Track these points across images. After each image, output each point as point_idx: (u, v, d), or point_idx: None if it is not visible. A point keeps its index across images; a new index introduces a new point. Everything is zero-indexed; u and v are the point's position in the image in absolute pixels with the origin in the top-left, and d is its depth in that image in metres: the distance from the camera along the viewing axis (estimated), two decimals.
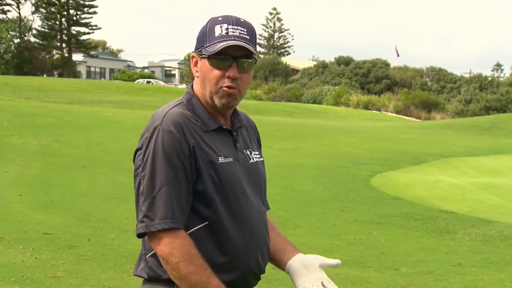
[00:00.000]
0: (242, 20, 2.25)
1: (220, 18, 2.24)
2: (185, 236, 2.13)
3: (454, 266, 7.42)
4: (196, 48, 2.28)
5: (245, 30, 2.23)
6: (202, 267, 2.11)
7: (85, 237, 7.71)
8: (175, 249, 2.10)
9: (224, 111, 2.30)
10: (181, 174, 2.15)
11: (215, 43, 2.19)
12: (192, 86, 2.34)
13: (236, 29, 2.21)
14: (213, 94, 2.24)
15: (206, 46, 2.22)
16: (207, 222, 2.19)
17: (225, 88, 2.22)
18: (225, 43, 2.18)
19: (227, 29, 2.20)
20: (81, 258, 6.78)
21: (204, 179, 2.18)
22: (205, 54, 2.22)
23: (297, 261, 2.34)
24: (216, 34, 2.20)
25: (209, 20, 2.26)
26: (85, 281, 5.97)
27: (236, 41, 2.19)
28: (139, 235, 2.17)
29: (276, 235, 2.45)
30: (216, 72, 2.21)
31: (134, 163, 2.25)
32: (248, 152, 2.36)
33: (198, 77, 2.29)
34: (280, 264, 2.39)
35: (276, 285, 6.03)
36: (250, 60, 2.24)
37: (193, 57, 2.30)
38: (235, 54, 2.20)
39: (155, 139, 2.16)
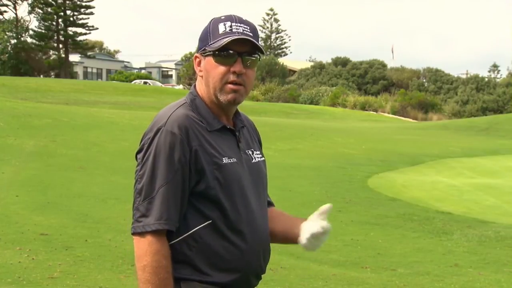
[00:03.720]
0: (244, 19, 2.29)
1: (222, 17, 2.27)
2: (164, 244, 2.15)
3: (451, 267, 7.43)
4: (199, 48, 2.29)
5: (248, 27, 2.26)
6: (163, 282, 2.13)
7: (81, 238, 7.70)
8: (149, 252, 2.13)
9: (229, 108, 2.31)
10: (179, 176, 2.17)
11: (220, 39, 2.22)
12: (194, 86, 2.36)
13: (239, 26, 2.24)
14: (218, 91, 2.25)
15: (210, 44, 2.24)
16: (210, 221, 2.21)
17: (230, 85, 2.23)
18: (230, 37, 2.20)
19: (230, 26, 2.23)
20: (77, 259, 6.77)
21: (208, 180, 2.20)
22: (209, 51, 2.23)
23: (303, 233, 2.34)
24: (220, 31, 2.23)
25: (211, 20, 2.28)
26: (81, 282, 5.96)
27: (241, 36, 2.21)
28: (135, 234, 2.19)
29: (281, 215, 2.48)
30: (221, 68, 2.23)
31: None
32: (250, 152, 2.38)
33: (201, 76, 2.30)
34: (294, 241, 2.39)
35: (273, 286, 6.03)
36: (254, 57, 2.27)
37: (196, 57, 2.32)
38: (240, 49, 2.22)
39: (157, 140, 2.18)
